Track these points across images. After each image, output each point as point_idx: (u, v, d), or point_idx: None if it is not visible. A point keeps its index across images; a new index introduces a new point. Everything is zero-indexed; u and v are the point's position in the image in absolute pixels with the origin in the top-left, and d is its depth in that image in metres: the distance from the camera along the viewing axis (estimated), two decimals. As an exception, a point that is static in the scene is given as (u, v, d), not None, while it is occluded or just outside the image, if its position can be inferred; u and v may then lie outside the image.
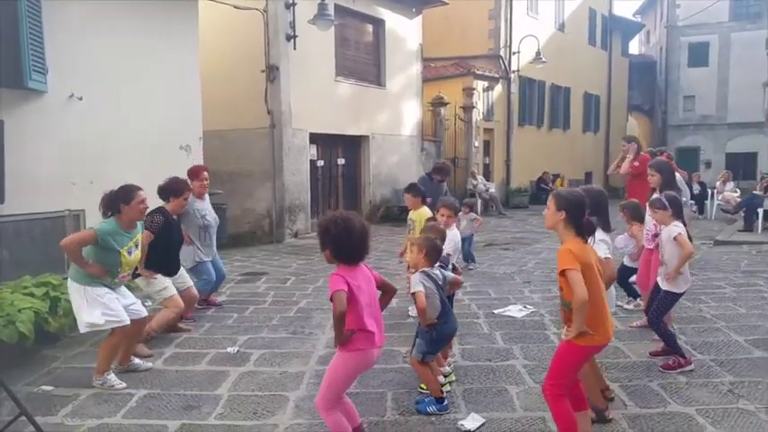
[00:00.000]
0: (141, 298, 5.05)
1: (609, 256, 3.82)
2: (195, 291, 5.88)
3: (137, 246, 4.58)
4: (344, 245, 3.12)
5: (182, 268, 5.81)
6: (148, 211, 4.83)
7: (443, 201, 5.57)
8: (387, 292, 3.40)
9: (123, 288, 4.64)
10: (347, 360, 3.19)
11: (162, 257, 5.39)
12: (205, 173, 6.43)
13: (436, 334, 3.93)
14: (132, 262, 4.58)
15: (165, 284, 5.37)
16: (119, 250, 4.37)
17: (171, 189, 5.65)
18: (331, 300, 3.02)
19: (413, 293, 3.87)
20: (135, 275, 5.08)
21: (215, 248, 6.57)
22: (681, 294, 4.77)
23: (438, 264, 4.31)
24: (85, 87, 7.32)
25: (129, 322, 4.43)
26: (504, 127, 20.48)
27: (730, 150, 29.46)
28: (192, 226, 6.21)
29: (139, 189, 4.53)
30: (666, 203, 4.71)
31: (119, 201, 4.43)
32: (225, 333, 5.77)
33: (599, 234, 3.74)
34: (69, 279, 4.45)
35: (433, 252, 3.97)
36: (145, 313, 4.72)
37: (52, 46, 6.82)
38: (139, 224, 4.68)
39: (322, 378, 4.49)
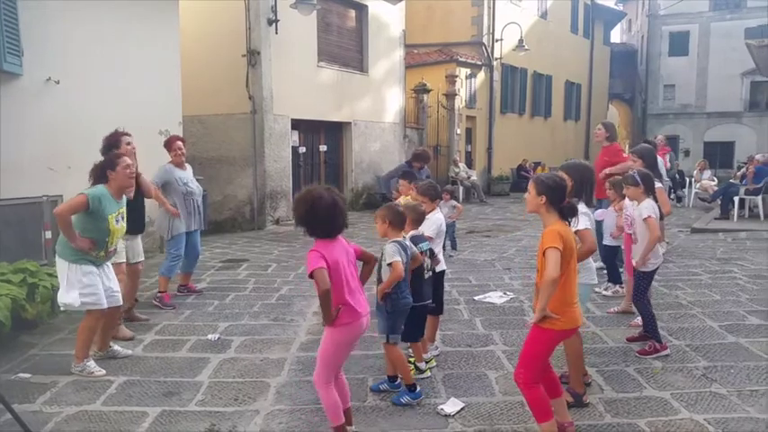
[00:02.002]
0: None
1: (588, 227, 3.80)
2: (141, 267, 5.74)
3: (123, 217, 4.53)
4: (316, 221, 3.14)
5: (139, 241, 5.63)
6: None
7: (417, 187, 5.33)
8: (367, 262, 3.44)
9: (109, 268, 4.59)
10: (335, 335, 3.22)
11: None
12: (179, 143, 6.33)
13: (391, 306, 3.86)
14: (119, 232, 4.51)
15: (121, 247, 5.25)
16: (107, 217, 4.32)
17: (111, 142, 5.39)
18: (311, 277, 3.04)
19: (389, 264, 3.78)
20: None
21: (202, 219, 6.52)
22: (653, 272, 4.78)
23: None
24: (63, 71, 7.19)
25: (105, 305, 4.39)
26: (486, 114, 20.53)
27: (708, 139, 29.84)
28: (175, 194, 6.19)
29: (124, 155, 4.56)
30: (639, 179, 4.75)
31: (105, 168, 4.42)
32: (206, 320, 5.75)
33: (581, 207, 3.78)
34: (57, 255, 4.38)
35: (396, 219, 3.90)
36: (121, 301, 4.69)
37: (28, 28, 6.68)
38: (125, 198, 4.61)
39: (303, 364, 4.54)
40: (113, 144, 5.38)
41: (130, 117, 8.00)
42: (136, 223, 5.54)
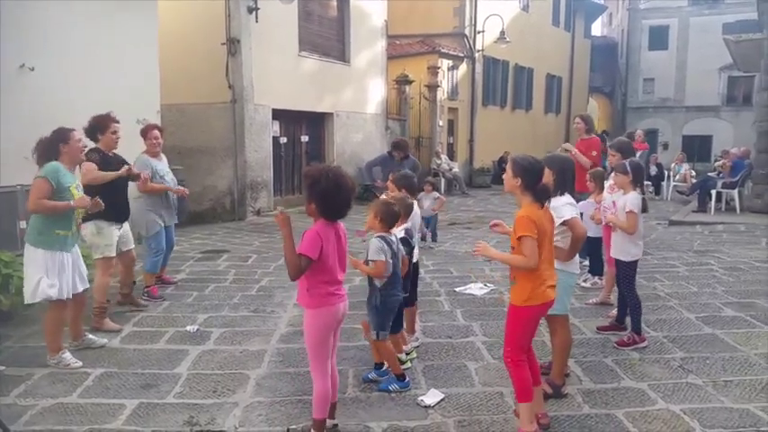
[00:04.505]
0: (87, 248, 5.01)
1: (575, 215, 3.79)
2: (134, 253, 5.79)
3: (80, 188, 4.48)
4: (332, 201, 3.10)
5: (128, 229, 5.63)
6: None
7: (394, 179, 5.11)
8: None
9: (78, 251, 4.53)
10: (315, 318, 3.21)
11: (108, 201, 5.01)
12: (155, 131, 6.22)
13: (380, 302, 3.86)
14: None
15: (111, 241, 5.27)
16: (69, 188, 4.26)
17: (96, 126, 5.37)
18: (299, 253, 3.04)
19: (372, 260, 3.78)
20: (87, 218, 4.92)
21: (175, 212, 6.40)
22: (634, 262, 4.79)
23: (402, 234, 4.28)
24: (38, 58, 7.04)
25: (66, 296, 4.31)
26: (467, 106, 20.53)
27: (687, 133, 30.19)
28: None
29: (74, 130, 4.47)
30: (629, 169, 4.78)
31: (57, 142, 4.34)
32: (184, 311, 5.69)
33: (566, 198, 3.80)
34: (27, 244, 4.27)
35: (387, 217, 3.89)
36: (87, 284, 4.61)
37: (5, 19, 6.53)
38: (77, 169, 4.55)
39: (283, 356, 4.53)
40: (102, 127, 5.33)
41: (107, 105, 7.81)
42: (123, 210, 5.49)
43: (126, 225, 5.60)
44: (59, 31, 7.34)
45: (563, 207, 3.71)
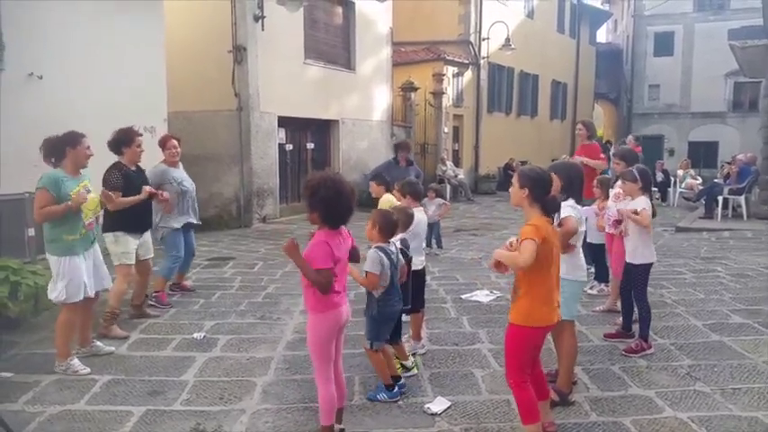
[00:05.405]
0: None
1: (572, 215, 3.74)
2: (151, 263, 5.78)
3: (88, 190, 4.45)
4: (334, 208, 3.12)
5: (149, 237, 5.66)
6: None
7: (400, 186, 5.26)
8: (352, 258, 3.44)
9: (97, 251, 4.56)
10: (320, 322, 3.23)
11: (129, 213, 5.18)
12: (173, 141, 6.29)
13: (378, 313, 3.83)
14: (91, 203, 4.44)
15: (128, 249, 5.29)
16: (70, 195, 4.26)
17: (121, 140, 5.37)
18: (314, 268, 3.05)
19: (366, 271, 3.75)
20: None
21: (196, 215, 6.43)
22: (647, 266, 4.80)
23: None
24: (46, 66, 7.10)
25: (80, 298, 4.33)
26: (473, 113, 20.55)
27: (693, 139, 30.11)
28: (170, 194, 5.97)
29: (85, 136, 4.45)
30: (637, 176, 4.79)
31: (66, 144, 4.33)
32: (191, 318, 5.71)
33: (569, 202, 3.78)
34: (46, 252, 4.34)
35: (386, 227, 3.86)
36: (108, 284, 4.61)
37: (9, 23, 6.59)
38: (84, 172, 4.51)
39: (290, 363, 4.53)
40: (127, 141, 5.34)
41: (115, 113, 7.94)
42: (145, 219, 5.52)
43: (147, 234, 5.60)
44: (67, 40, 7.39)
45: (563, 209, 3.70)
